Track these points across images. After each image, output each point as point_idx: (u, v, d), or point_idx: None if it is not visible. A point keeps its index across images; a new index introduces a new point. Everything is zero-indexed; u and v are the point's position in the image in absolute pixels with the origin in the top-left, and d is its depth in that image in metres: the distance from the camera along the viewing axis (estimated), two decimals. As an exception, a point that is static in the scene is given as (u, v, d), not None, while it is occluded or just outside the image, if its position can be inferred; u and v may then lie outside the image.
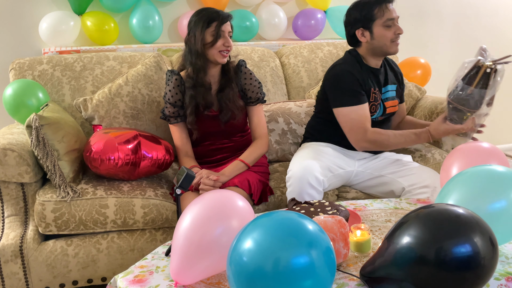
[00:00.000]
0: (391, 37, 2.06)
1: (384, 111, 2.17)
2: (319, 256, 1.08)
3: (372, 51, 2.11)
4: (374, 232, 1.60)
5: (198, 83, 2.12)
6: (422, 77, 3.06)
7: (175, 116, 2.17)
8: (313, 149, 2.13)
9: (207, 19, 2.06)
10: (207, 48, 2.08)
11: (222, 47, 2.07)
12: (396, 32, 2.06)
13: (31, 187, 2.01)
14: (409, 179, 2.06)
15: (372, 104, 2.12)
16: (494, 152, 1.74)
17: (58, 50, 2.71)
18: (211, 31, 2.06)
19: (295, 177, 1.96)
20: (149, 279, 1.36)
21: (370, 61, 2.15)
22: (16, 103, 2.24)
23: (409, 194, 2.04)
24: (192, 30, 2.09)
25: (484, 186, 1.39)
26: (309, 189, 1.95)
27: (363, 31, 2.08)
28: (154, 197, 2.05)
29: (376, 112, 2.14)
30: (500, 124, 4.02)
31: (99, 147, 1.96)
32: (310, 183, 1.95)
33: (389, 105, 2.19)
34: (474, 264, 1.12)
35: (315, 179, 1.96)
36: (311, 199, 1.97)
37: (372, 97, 2.11)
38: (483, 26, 3.85)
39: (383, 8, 2.05)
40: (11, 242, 1.94)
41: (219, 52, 2.08)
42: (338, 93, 2.09)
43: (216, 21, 2.06)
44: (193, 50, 2.09)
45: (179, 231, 1.32)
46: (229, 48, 2.10)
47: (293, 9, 3.30)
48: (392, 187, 2.11)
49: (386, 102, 2.18)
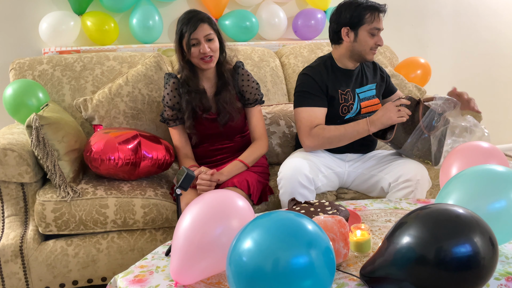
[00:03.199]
0: (371, 45, 2.11)
1: (359, 112, 2.19)
2: (319, 256, 1.08)
3: (350, 53, 2.14)
4: (374, 232, 1.60)
5: (192, 89, 2.12)
6: (422, 77, 3.06)
7: (173, 119, 2.17)
8: (303, 152, 2.16)
9: (179, 30, 2.05)
10: (189, 58, 2.08)
11: (200, 55, 2.05)
12: (377, 42, 2.11)
13: (31, 187, 2.01)
14: (393, 174, 2.08)
15: (343, 105, 2.15)
16: (494, 152, 1.74)
17: (58, 50, 2.71)
18: (185, 41, 2.04)
19: (285, 178, 1.98)
20: (149, 279, 1.36)
21: (345, 63, 2.18)
22: (16, 103, 2.24)
23: (394, 190, 2.05)
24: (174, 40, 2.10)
25: (484, 186, 1.38)
26: (300, 189, 1.97)
27: (348, 31, 2.11)
28: (154, 197, 2.05)
29: (349, 113, 2.17)
30: (500, 124, 4.02)
31: (99, 147, 1.96)
32: (300, 182, 1.97)
33: (365, 105, 2.21)
34: (474, 264, 1.12)
35: (305, 178, 1.98)
36: (304, 199, 1.98)
37: (341, 99, 2.15)
38: (483, 26, 3.86)
39: (374, 16, 2.08)
40: (11, 242, 1.94)
41: (200, 60, 2.06)
42: (296, 95, 2.16)
43: (187, 32, 2.02)
44: (178, 60, 2.12)
45: (179, 231, 1.32)
46: (206, 54, 2.04)
47: (293, 9, 3.30)
48: (381, 184, 2.13)
49: (362, 102, 2.20)
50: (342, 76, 2.18)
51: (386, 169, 2.12)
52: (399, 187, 2.03)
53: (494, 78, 3.97)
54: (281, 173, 2.02)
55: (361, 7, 2.08)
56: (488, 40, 3.90)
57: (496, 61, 3.95)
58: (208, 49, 2.04)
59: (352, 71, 2.20)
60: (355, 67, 2.21)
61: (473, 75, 3.90)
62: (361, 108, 2.19)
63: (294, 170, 1.98)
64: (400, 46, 3.41)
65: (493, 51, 3.93)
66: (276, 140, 2.46)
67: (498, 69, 3.97)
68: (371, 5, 2.08)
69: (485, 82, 3.94)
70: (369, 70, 2.28)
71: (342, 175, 2.20)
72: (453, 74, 3.85)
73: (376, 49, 2.13)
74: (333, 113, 2.14)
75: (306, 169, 1.99)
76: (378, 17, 2.09)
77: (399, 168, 2.07)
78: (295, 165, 1.99)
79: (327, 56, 2.22)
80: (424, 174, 2.04)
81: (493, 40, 3.91)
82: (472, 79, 3.90)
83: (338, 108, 2.15)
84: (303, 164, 2.01)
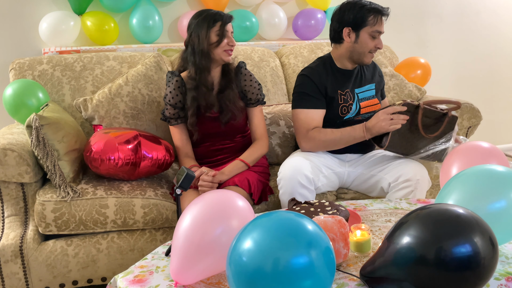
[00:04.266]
0: (371, 47, 2.12)
1: (358, 112, 2.19)
2: (319, 256, 1.08)
3: (350, 53, 2.15)
4: (374, 232, 1.60)
5: (201, 83, 2.14)
6: (422, 77, 3.06)
7: (175, 117, 2.18)
8: (302, 152, 2.16)
9: (211, 20, 2.10)
10: (212, 48, 2.11)
11: (227, 46, 2.12)
12: (377, 45, 2.12)
13: (31, 187, 2.01)
14: (393, 174, 2.08)
15: (343, 106, 2.15)
16: (494, 152, 1.74)
17: (58, 50, 2.71)
18: (215, 30, 2.10)
19: (285, 178, 1.99)
20: (149, 279, 1.36)
21: (344, 63, 2.19)
22: (16, 103, 2.24)
23: (394, 190, 2.05)
24: (195, 31, 2.12)
25: (484, 186, 1.39)
26: (300, 189, 1.98)
27: (350, 32, 2.11)
28: (154, 197, 2.05)
29: (349, 113, 2.17)
30: (500, 124, 4.02)
31: (99, 147, 1.96)
32: (300, 182, 1.97)
33: (365, 105, 2.21)
34: (474, 264, 1.12)
35: (305, 178, 1.98)
36: (304, 199, 1.98)
37: (341, 99, 2.15)
38: (483, 26, 3.86)
39: (377, 19, 2.09)
40: (11, 242, 1.94)
41: (224, 51, 2.12)
42: (294, 96, 2.17)
43: (220, 21, 2.10)
44: (197, 50, 2.11)
45: (179, 231, 1.32)
46: (233, 47, 2.15)
47: (293, 9, 3.30)
48: (381, 184, 2.13)
49: (362, 103, 2.20)
50: (341, 76, 2.18)
51: (386, 169, 2.12)
52: (399, 187, 2.03)
53: (494, 78, 3.97)
54: (281, 173, 2.02)
55: (365, 8, 2.07)
56: (488, 40, 3.90)
57: (496, 61, 3.95)
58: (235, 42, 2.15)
59: (351, 71, 2.20)
60: (354, 67, 2.21)
61: (473, 75, 3.90)
62: (361, 108, 2.19)
63: (294, 170, 1.98)
64: (400, 46, 3.41)
65: (493, 51, 3.93)
66: (276, 140, 2.46)
67: (498, 69, 3.97)
68: (374, 7, 2.08)
69: (485, 82, 3.94)
70: (369, 70, 2.28)
71: (342, 175, 2.20)
72: (453, 74, 3.85)
73: (375, 51, 2.14)
74: (333, 114, 2.15)
75: (306, 169, 1.99)
76: (381, 20, 2.10)
77: (399, 168, 2.07)
78: (295, 165, 2.00)
79: (326, 57, 2.22)
80: (424, 174, 2.04)
81: (493, 40, 3.91)
82: (472, 79, 3.90)
83: (337, 108, 2.15)
84: (303, 164, 2.01)
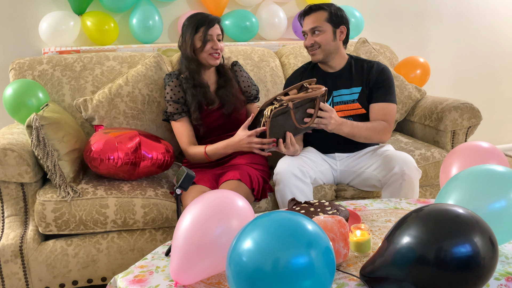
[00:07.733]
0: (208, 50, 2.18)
1: None
2: (319, 256, 1.08)
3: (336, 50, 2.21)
4: (374, 232, 1.60)
5: (197, 84, 2.20)
6: (422, 77, 3.06)
7: (179, 112, 2.21)
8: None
9: (195, 25, 2.16)
10: (198, 53, 2.17)
11: (211, 50, 2.16)
12: (214, 47, 2.20)
13: (31, 187, 2.01)
14: (380, 170, 2.10)
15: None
16: (494, 152, 1.74)
17: (58, 50, 2.71)
18: (199, 36, 2.15)
19: (281, 173, 2.03)
20: (149, 279, 1.36)
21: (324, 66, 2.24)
22: (16, 103, 2.24)
23: (386, 185, 2.07)
24: (183, 35, 2.20)
25: (484, 186, 1.38)
26: (295, 181, 2.01)
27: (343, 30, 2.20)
28: (154, 197, 2.05)
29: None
30: (500, 124, 4.02)
31: (99, 147, 1.96)
32: (295, 174, 2.01)
33: (340, 109, 2.21)
34: (474, 264, 1.12)
35: (299, 171, 2.03)
36: (299, 192, 2.01)
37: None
38: (483, 26, 3.86)
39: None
40: (11, 242, 1.94)
41: (209, 55, 2.17)
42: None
43: (203, 26, 2.15)
44: (185, 55, 2.20)
45: (179, 231, 1.32)
46: (218, 51, 2.18)
47: (293, 9, 3.30)
48: (372, 182, 2.15)
49: (336, 106, 2.21)
50: (320, 78, 2.22)
51: (373, 165, 2.14)
52: (389, 181, 2.05)
53: (494, 77, 3.97)
54: (276, 169, 2.08)
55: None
56: (488, 40, 3.90)
57: (496, 61, 3.95)
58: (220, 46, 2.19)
59: (330, 73, 2.24)
60: (339, 68, 2.24)
61: (472, 75, 3.90)
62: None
63: (288, 165, 2.04)
64: (400, 46, 3.41)
65: (493, 51, 3.93)
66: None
67: (498, 69, 3.97)
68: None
69: (485, 82, 3.94)
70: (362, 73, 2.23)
71: (335, 173, 2.25)
72: (452, 74, 3.85)
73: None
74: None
75: (299, 163, 2.06)
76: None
77: (385, 163, 2.08)
78: (289, 161, 2.06)
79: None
80: (409, 163, 2.03)
81: (493, 40, 3.91)
82: (471, 79, 3.90)
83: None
84: (296, 160, 2.07)
